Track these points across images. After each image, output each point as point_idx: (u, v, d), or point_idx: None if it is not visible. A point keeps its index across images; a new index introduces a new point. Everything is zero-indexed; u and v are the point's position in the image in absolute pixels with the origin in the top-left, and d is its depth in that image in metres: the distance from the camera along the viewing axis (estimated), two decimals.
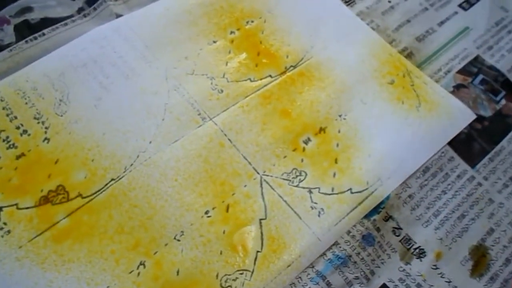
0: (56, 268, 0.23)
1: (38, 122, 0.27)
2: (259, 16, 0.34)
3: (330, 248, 0.25)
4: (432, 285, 0.25)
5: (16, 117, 0.27)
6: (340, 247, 0.25)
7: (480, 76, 0.34)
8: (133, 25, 0.31)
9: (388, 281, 0.25)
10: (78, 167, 0.26)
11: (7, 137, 0.27)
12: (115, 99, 0.29)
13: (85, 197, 0.25)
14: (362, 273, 0.25)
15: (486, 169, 0.30)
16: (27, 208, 0.25)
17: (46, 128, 0.27)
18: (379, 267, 0.25)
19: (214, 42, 0.32)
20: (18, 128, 0.27)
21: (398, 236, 0.26)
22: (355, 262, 0.25)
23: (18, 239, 0.24)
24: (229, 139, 0.28)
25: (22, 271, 0.23)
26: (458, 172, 0.29)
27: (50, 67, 0.29)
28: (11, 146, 0.26)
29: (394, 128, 0.30)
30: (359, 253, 0.25)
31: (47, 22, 0.31)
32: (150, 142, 0.27)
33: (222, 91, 0.30)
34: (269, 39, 0.33)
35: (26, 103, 0.28)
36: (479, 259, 0.27)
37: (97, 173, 0.26)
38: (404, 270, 0.25)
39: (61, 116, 0.28)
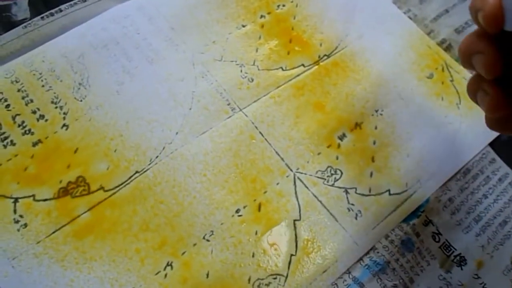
0: (77, 267, 0.21)
1: (56, 107, 0.25)
2: (291, 0, 0.32)
3: (367, 253, 0.24)
4: None
5: (32, 101, 0.25)
6: (378, 252, 0.24)
7: None
8: (159, 4, 0.29)
9: None
10: (99, 158, 0.24)
11: (23, 122, 0.25)
12: (138, 85, 0.27)
13: (107, 190, 0.23)
14: (401, 280, 0.23)
15: None
16: (45, 200, 0.23)
17: (64, 113, 0.25)
18: (418, 274, 0.24)
19: (244, 26, 0.30)
20: (34, 112, 0.25)
21: (437, 242, 0.25)
22: (394, 269, 0.24)
23: (35, 233, 0.22)
24: (260, 132, 0.26)
25: (41, 269, 0.21)
26: (500, 175, 0.28)
27: (68, 47, 0.27)
28: (27, 132, 0.24)
29: (434, 126, 0.28)
30: (397, 259, 0.24)
31: None
32: (177, 133, 0.25)
33: (252, 80, 0.28)
34: (302, 25, 0.31)
35: (43, 86, 0.26)
36: None
37: (120, 164, 0.24)
38: (444, 278, 0.24)
39: (81, 101, 0.26)
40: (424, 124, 0.28)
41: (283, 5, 0.31)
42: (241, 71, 0.28)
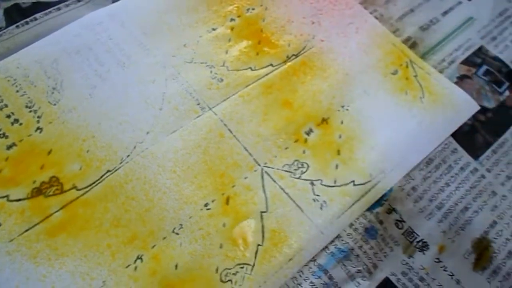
0: (49, 263, 0.22)
1: (30, 111, 0.26)
2: (260, 4, 0.33)
3: (332, 241, 0.25)
4: (434, 279, 0.25)
5: (6, 105, 0.26)
6: (342, 240, 0.25)
7: (484, 67, 0.33)
8: (130, 10, 0.30)
9: (391, 275, 0.24)
10: (72, 158, 0.25)
11: None
12: (110, 88, 0.28)
13: (80, 189, 0.24)
14: (364, 266, 0.24)
15: (489, 161, 0.29)
16: (19, 200, 0.24)
17: (38, 117, 0.26)
18: (381, 260, 0.25)
19: (214, 29, 0.31)
20: (9, 116, 0.26)
21: (401, 229, 0.26)
22: (358, 256, 0.25)
23: (8, 232, 0.23)
24: (229, 130, 0.27)
25: (13, 266, 0.22)
26: (462, 164, 0.29)
27: (42, 53, 0.28)
28: (2, 135, 0.25)
29: (398, 120, 0.29)
30: (361, 246, 0.25)
31: (39, 6, 0.30)
32: (148, 133, 0.26)
33: (222, 80, 0.29)
34: (270, 27, 0.32)
35: (17, 91, 0.27)
36: (482, 252, 0.26)
37: (92, 164, 0.25)
38: (407, 263, 0.25)
39: (54, 105, 0.27)
40: (388, 118, 0.29)
41: (253, 9, 0.33)
42: (211, 72, 0.29)
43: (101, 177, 0.25)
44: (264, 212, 0.25)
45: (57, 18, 0.30)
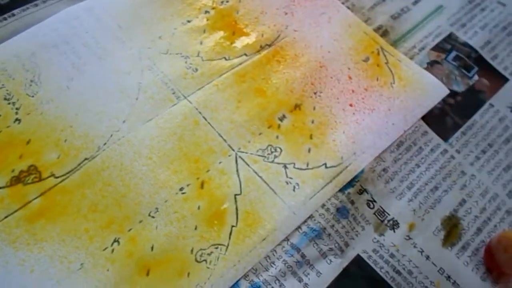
0: (28, 248, 0.23)
1: (9, 103, 0.27)
2: None
3: (305, 221, 0.25)
4: (404, 255, 0.26)
5: None
6: (315, 220, 0.26)
7: (454, 53, 0.34)
8: (106, 5, 0.31)
9: (362, 252, 0.25)
10: (50, 148, 0.26)
11: None
12: (87, 80, 0.28)
13: (58, 177, 0.25)
14: (336, 245, 0.25)
15: (459, 142, 0.30)
16: None
17: (17, 109, 0.27)
18: (353, 239, 0.26)
19: (189, 21, 0.32)
20: None
21: (372, 208, 0.27)
22: (330, 235, 0.25)
23: None
24: (203, 117, 0.28)
25: None
26: (432, 146, 0.30)
27: (20, 47, 0.29)
28: None
29: (369, 104, 0.30)
30: (333, 226, 0.26)
31: (17, 3, 0.30)
32: (124, 122, 0.27)
33: (196, 69, 0.30)
34: (244, 19, 0.33)
35: None
36: (451, 229, 0.27)
37: (70, 153, 0.26)
38: (378, 241, 0.26)
39: (32, 96, 0.27)
40: (359, 102, 0.30)
41: (227, 1, 0.33)
42: (186, 62, 0.30)
43: (79, 165, 0.25)
44: (238, 194, 0.26)
45: (35, 13, 0.30)
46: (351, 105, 0.30)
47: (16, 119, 0.26)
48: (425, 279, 0.25)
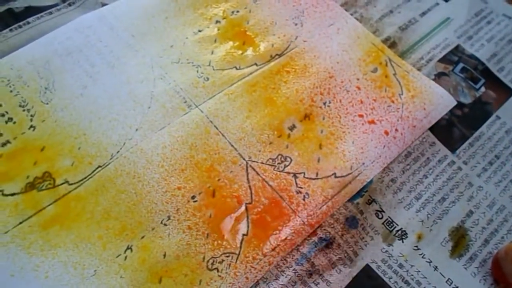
0: (42, 253, 0.23)
1: (24, 110, 0.27)
2: (244, 7, 0.34)
3: (314, 231, 0.26)
4: (413, 265, 0.26)
5: (1, 105, 0.27)
6: (324, 229, 0.26)
7: (461, 65, 0.34)
8: (119, 14, 0.31)
9: (371, 262, 0.26)
10: (64, 155, 0.26)
11: None
12: (100, 88, 0.29)
13: (72, 184, 0.25)
14: (345, 254, 0.25)
15: (466, 154, 0.30)
16: (13, 194, 0.25)
17: (31, 116, 0.27)
18: (362, 248, 0.26)
19: (200, 31, 0.32)
20: (3, 115, 0.27)
21: (380, 218, 0.27)
22: (339, 244, 0.26)
23: (3, 224, 0.24)
24: (215, 126, 0.28)
25: (8, 256, 0.23)
26: (439, 157, 0.30)
27: (35, 55, 0.29)
28: None
29: (377, 115, 0.30)
30: (342, 235, 0.26)
31: (32, 11, 0.31)
32: (137, 130, 0.27)
33: (208, 79, 0.30)
34: (254, 28, 0.33)
35: (11, 91, 0.28)
36: (459, 240, 0.27)
37: (83, 160, 0.26)
38: (386, 251, 0.26)
39: (47, 104, 0.28)
40: (368, 113, 0.30)
41: (237, 11, 0.34)
42: (197, 71, 0.30)
43: (92, 172, 0.26)
44: (249, 203, 0.26)
45: (49, 21, 0.31)
46: (360, 115, 0.30)
47: (31, 126, 0.27)
48: None
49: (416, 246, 0.27)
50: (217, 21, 0.33)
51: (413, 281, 0.25)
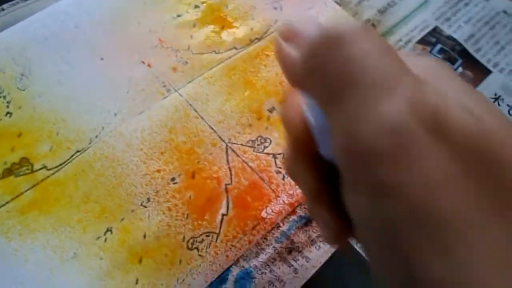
0: (20, 238, 0.23)
1: (0, 97, 0.27)
2: None
3: (294, 209, 0.26)
4: None
5: None
6: (304, 208, 0.26)
7: (439, 46, 0.35)
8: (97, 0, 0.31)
9: (351, 238, 0.26)
10: (42, 140, 0.26)
11: None
12: (78, 74, 0.29)
13: (50, 169, 0.25)
14: None
15: None
16: None
17: (8, 102, 0.27)
18: None
19: (179, 16, 0.32)
20: None
21: None
22: None
23: None
24: (194, 109, 0.28)
25: None
26: None
27: (10, 41, 0.29)
28: None
29: None
30: None
31: None
32: (115, 114, 0.27)
33: (187, 63, 0.30)
34: (234, 13, 0.33)
35: None
36: None
37: (62, 145, 0.26)
38: None
39: (23, 90, 0.27)
40: None
41: None
42: (176, 56, 0.30)
43: (71, 157, 0.26)
44: (229, 184, 0.26)
45: (24, 8, 0.30)
46: None
47: (7, 113, 0.27)
48: None
49: None
50: (196, 6, 0.33)
51: None
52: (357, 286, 0.24)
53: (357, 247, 0.26)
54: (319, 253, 0.25)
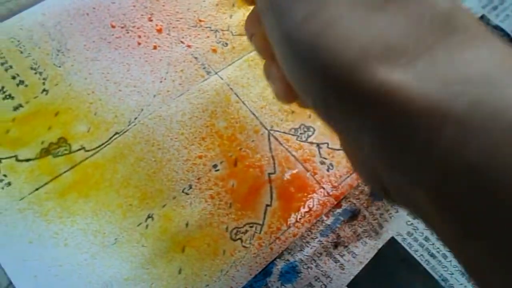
0: (60, 221, 0.22)
1: (36, 73, 0.26)
2: None
3: (339, 202, 0.25)
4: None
5: (11, 67, 0.26)
6: (349, 201, 0.25)
7: None
8: None
9: (397, 235, 0.25)
10: (80, 120, 0.25)
11: (3, 87, 0.25)
12: (115, 52, 0.27)
13: (88, 150, 0.24)
14: (371, 226, 0.25)
15: None
16: (28, 160, 0.23)
17: (44, 79, 0.26)
18: (387, 221, 0.25)
19: None
20: (14, 78, 0.25)
21: None
22: (364, 216, 0.25)
23: (19, 191, 0.23)
24: (235, 94, 0.27)
25: (25, 223, 0.22)
26: None
27: (45, 15, 0.27)
28: (8, 97, 0.25)
29: None
30: (368, 207, 0.25)
31: None
32: (155, 96, 0.26)
33: (226, 44, 0.29)
34: None
35: (22, 52, 0.26)
36: None
37: (100, 126, 0.25)
38: (412, 224, 0.25)
39: (60, 67, 0.26)
40: None
41: None
42: (215, 36, 0.29)
43: (110, 139, 0.25)
44: (272, 173, 0.25)
45: None
46: None
47: (44, 90, 0.26)
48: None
49: None
50: None
51: (439, 254, 0.25)
52: (403, 284, 0.24)
53: (404, 244, 0.25)
54: (366, 248, 0.24)
